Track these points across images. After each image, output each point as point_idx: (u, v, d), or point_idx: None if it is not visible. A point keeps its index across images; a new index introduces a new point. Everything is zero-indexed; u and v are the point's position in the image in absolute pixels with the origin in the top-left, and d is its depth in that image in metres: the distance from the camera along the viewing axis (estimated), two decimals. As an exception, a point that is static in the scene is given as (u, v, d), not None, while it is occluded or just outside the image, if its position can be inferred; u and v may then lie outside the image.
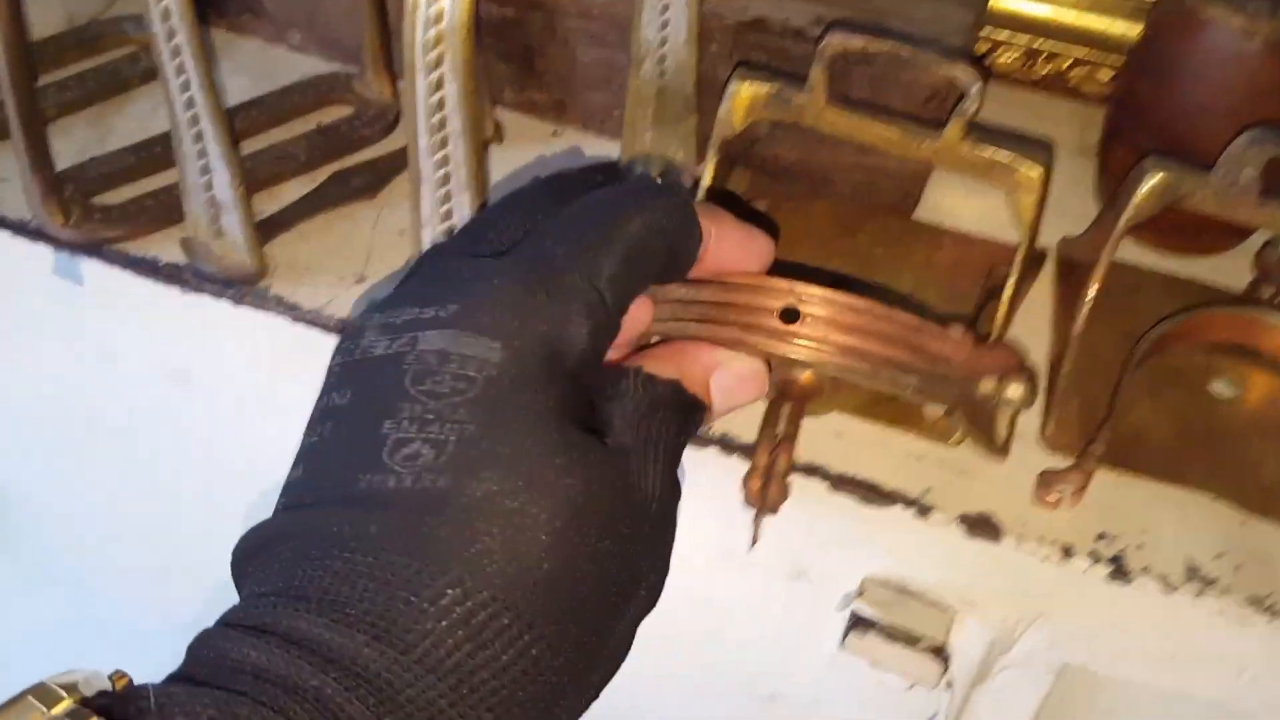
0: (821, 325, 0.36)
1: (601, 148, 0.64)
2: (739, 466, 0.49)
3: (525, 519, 0.26)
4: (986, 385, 0.44)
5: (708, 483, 0.50)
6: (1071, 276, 0.58)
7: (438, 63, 0.42)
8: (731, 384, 0.35)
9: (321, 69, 0.67)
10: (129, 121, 0.63)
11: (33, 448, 0.69)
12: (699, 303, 0.36)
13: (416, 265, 0.33)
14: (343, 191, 0.59)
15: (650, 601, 0.31)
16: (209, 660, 0.26)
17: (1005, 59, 0.67)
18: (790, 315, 0.36)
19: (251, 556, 0.29)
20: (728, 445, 0.50)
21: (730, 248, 0.35)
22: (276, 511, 0.30)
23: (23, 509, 0.76)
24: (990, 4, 0.65)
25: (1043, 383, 0.52)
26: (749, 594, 0.54)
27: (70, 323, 0.58)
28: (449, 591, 0.25)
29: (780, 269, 0.38)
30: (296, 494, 0.29)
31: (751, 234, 0.36)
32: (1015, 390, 0.44)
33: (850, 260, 0.57)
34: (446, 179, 0.46)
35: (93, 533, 0.75)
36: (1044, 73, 0.67)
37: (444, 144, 0.45)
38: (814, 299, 0.36)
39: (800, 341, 0.36)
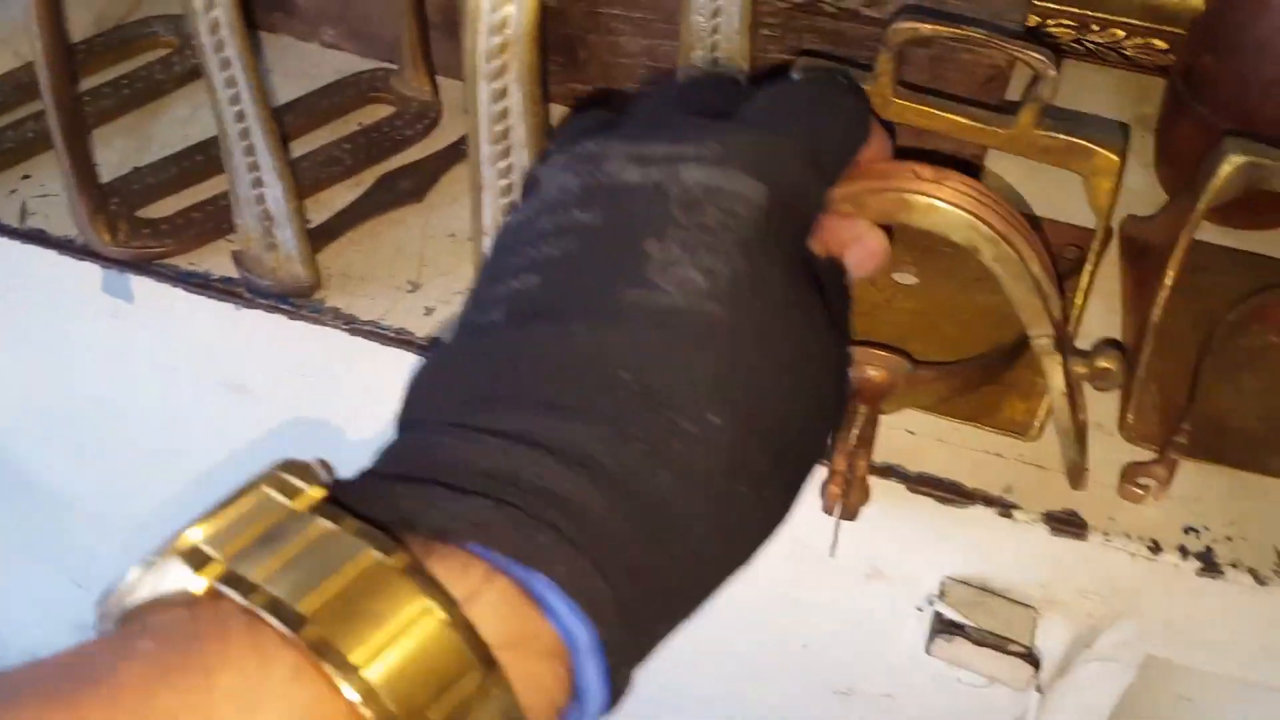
0: (960, 187, 0.39)
1: (648, 138, 0.63)
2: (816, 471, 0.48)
3: (781, 357, 0.28)
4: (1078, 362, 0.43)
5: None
6: (1139, 258, 0.56)
7: (501, 71, 0.41)
8: (861, 257, 0.36)
9: (356, 66, 0.65)
10: (168, 128, 0.61)
11: (87, 463, 0.68)
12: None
13: (634, 107, 0.34)
14: (390, 196, 0.58)
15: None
16: (437, 466, 0.25)
17: (1057, 29, 0.66)
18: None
19: (454, 369, 0.29)
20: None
21: (875, 151, 0.37)
22: (491, 325, 0.29)
23: (75, 522, 0.75)
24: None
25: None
26: (826, 593, 0.53)
27: (122, 339, 0.57)
28: (714, 420, 0.26)
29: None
30: (526, 305, 0.28)
31: (888, 144, 0.39)
32: (1110, 360, 0.43)
33: (910, 249, 0.56)
34: (510, 189, 0.45)
35: (145, 539, 0.74)
36: (1097, 43, 0.65)
37: (508, 153, 0.43)
38: (952, 174, 0.39)
39: (945, 188, 0.39)
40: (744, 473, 0.27)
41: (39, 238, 0.55)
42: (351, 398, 0.55)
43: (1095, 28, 0.65)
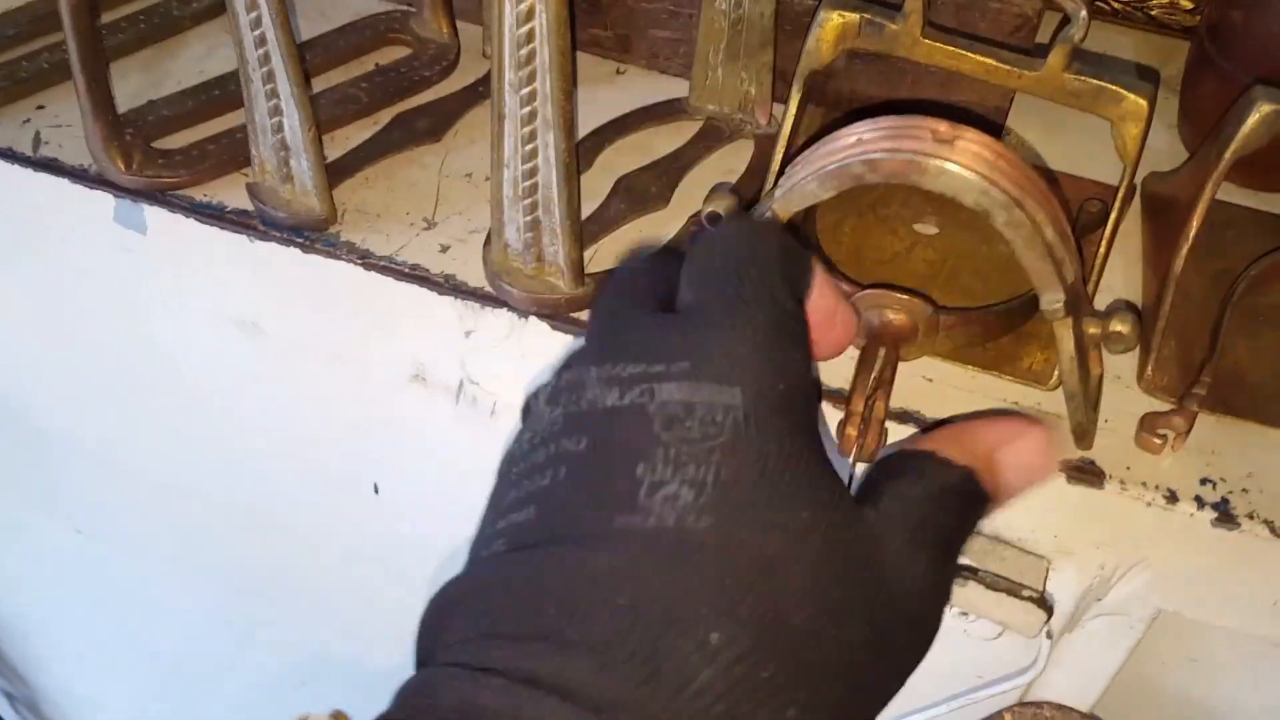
0: (974, 148, 0.39)
1: (667, 87, 0.62)
2: (833, 414, 0.48)
3: (780, 567, 0.26)
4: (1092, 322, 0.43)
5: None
6: (1160, 214, 0.56)
7: (528, -7, 0.41)
8: (1026, 460, 0.32)
9: (374, 8, 0.65)
10: (183, 64, 0.61)
11: (90, 404, 0.68)
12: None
13: (598, 321, 0.33)
14: (407, 135, 0.58)
15: (894, 690, 0.29)
16: (441, 709, 0.25)
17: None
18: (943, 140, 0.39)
19: (460, 603, 0.28)
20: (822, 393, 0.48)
21: (819, 296, 0.33)
22: (493, 556, 0.29)
23: (75, 465, 0.75)
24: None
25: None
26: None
27: (133, 272, 0.57)
28: (712, 635, 0.25)
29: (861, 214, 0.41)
30: (525, 536, 0.28)
31: (842, 302, 0.35)
32: (1124, 323, 0.43)
33: (932, 200, 0.55)
34: (533, 116, 0.44)
35: (149, 484, 0.74)
36: (1122, 3, 0.65)
37: (532, 79, 0.43)
38: (968, 133, 0.38)
39: (958, 151, 0.38)
40: (762, 692, 0.25)
41: (52, 166, 0.55)
42: (363, 334, 0.55)
43: (1122, -15, 0.64)
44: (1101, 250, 0.48)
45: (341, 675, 0.80)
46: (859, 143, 0.43)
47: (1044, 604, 0.47)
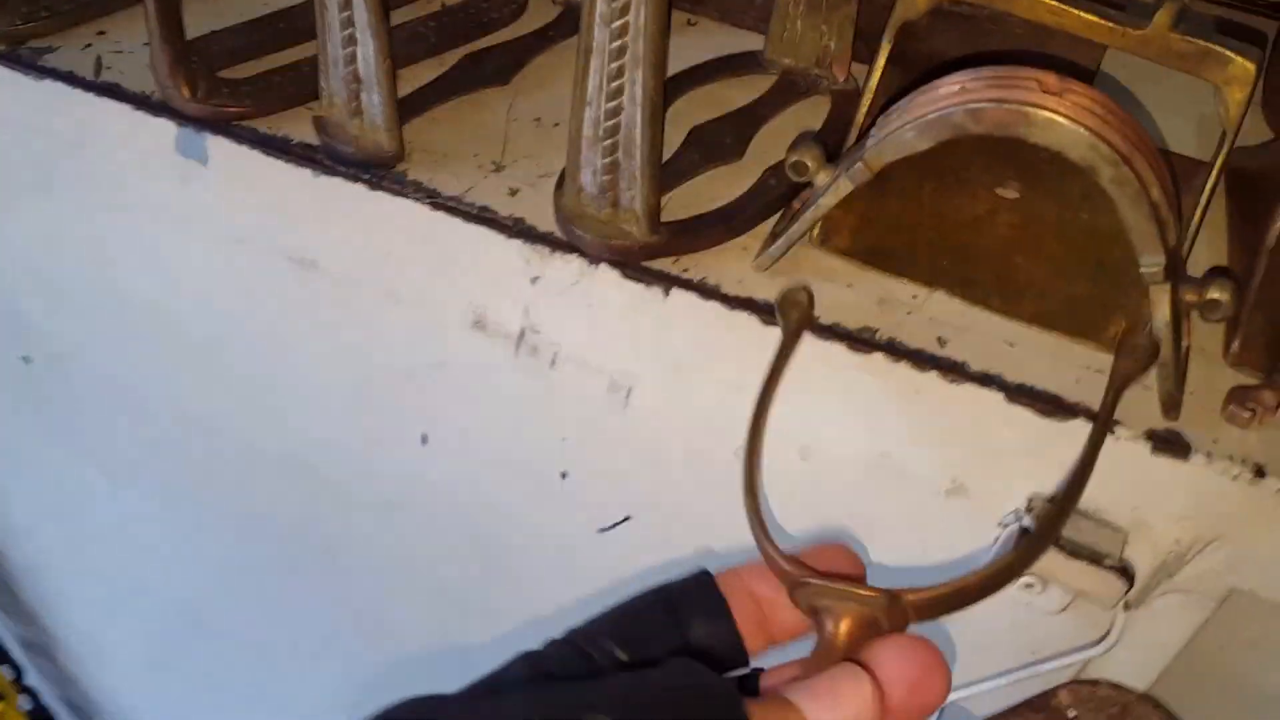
0: (1084, 102, 0.38)
1: (738, 40, 0.61)
2: (904, 373, 0.47)
3: None
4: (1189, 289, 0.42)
5: (869, 387, 0.48)
6: (1247, 189, 0.54)
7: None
8: (916, 677, 0.31)
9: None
10: (246, -2, 0.60)
11: (131, 334, 0.67)
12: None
13: None
14: (475, 77, 0.56)
15: None
16: None
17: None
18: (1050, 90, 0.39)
19: None
20: (895, 351, 0.47)
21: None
22: None
23: (109, 405, 0.74)
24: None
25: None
26: (899, 508, 0.52)
27: (192, 204, 0.55)
28: None
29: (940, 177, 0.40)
30: None
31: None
32: (1222, 290, 0.42)
33: (1012, 163, 0.54)
34: (623, 50, 0.43)
35: (181, 426, 0.73)
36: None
37: (625, 10, 0.42)
38: (1077, 86, 0.38)
39: (1066, 103, 0.38)
40: None
41: (113, 91, 0.54)
42: (424, 277, 0.54)
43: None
44: (1196, 218, 0.47)
45: (370, 626, 0.79)
46: (962, 91, 0.41)
47: (1126, 572, 0.46)
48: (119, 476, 0.82)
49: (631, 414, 0.53)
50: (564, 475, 0.58)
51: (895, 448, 0.49)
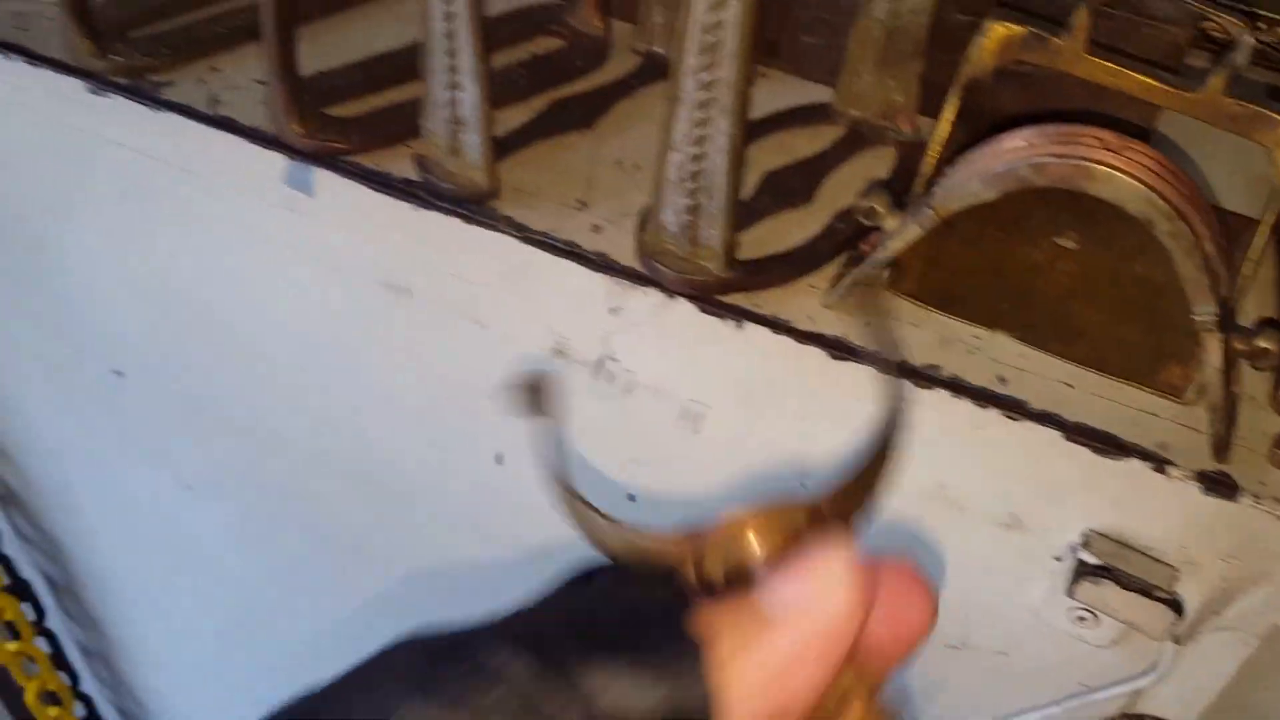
0: (1142, 159, 0.41)
1: (806, 91, 0.64)
2: (965, 409, 0.49)
3: None
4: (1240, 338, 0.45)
5: (931, 421, 0.50)
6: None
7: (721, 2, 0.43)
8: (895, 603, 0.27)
9: (529, 0, 0.67)
10: (348, 40, 0.64)
11: (224, 354, 0.71)
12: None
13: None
14: (562, 120, 0.60)
15: None
16: None
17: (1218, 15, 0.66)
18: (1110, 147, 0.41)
19: None
20: (958, 388, 0.50)
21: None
22: None
23: (195, 421, 0.77)
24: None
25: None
26: (956, 540, 0.54)
27: (294, 231, 0.59)
28: None
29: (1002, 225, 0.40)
30: None
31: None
32: (1271, 340, 0.45)
33: (1070, 214, 0.57)
34: (709, 103, 0.46)
35: (263, 441, 0.76)
36: (1264, 41, 0.66)
37: (713, 65, 0.45)
38: (1136, 145, 0.41)
39: (1126, 160, 0.41)
40: None
41: (228, 124, 0.58)
42: (511, 305, 0.57)
43: (1263, 25, 0.65)
44: (1247, 271, 0.50)
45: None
46: (1028, 146, 0.44)
47: (1176, 604, 0.48)
48: (195, 486, 0.86)
49: (701, 440, 0.56)
50: (631, 498, 0.61)
51: (953, 480, 0.52)
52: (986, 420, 0.49)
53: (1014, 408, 0.49)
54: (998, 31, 0.50)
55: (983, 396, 0.49)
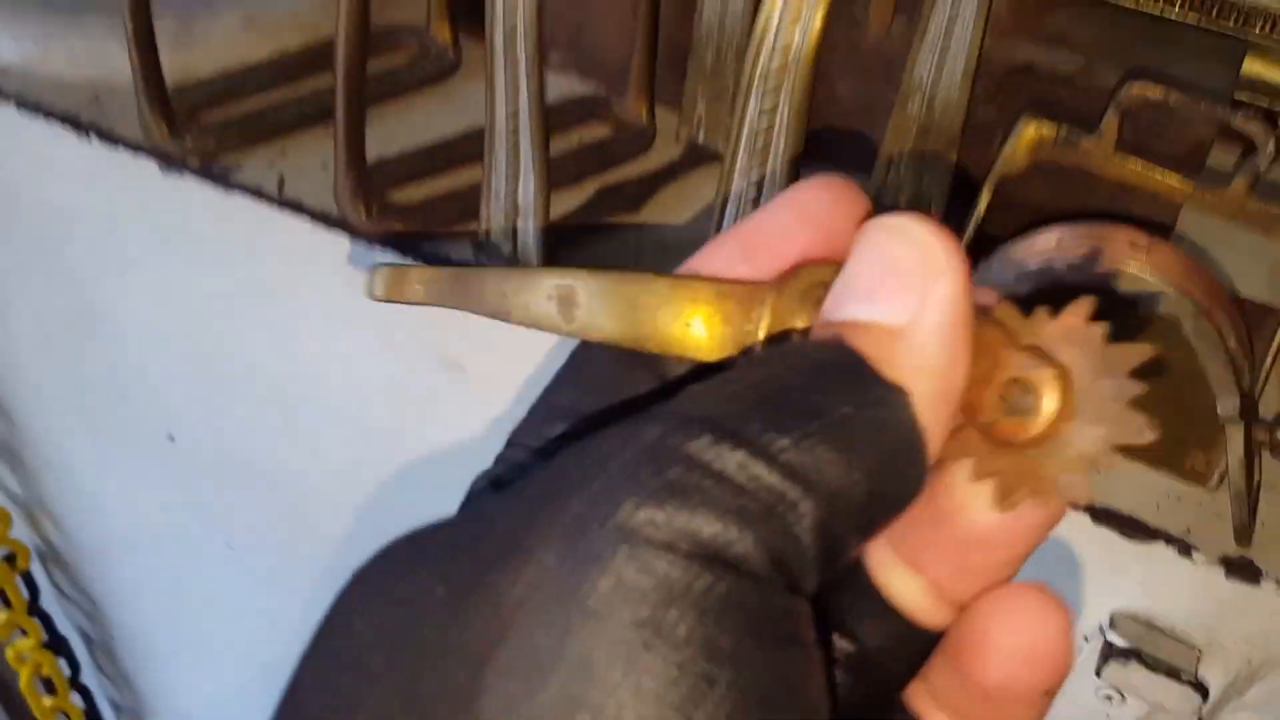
0: (1168, 258, 0.44)
1: (842, 181, 0.67)
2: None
3: None
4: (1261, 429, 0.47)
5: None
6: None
7: (776, 89, 0.46)
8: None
9: (576, 90, 0.71)
10: (407, 125, 0.67)
11: (286, 420, 0.73)
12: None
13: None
14: (609, 204, 0.63)
15: None
16: None
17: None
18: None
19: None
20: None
21: None
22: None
23: (258, 476, 0.80)
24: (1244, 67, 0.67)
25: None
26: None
27: (352, 308, 0.62)
28: None
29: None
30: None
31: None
32: None
33: (1099, 301, 0.59)
34: (757, 201, 0.49)
35: (323, 502, 0.79)
36: None
37: (764, 163, 0.48)
38: (1163, 244, 0.44)
39: (1153, 259, 0.44)
40: None
41: (296, 206, 0.61)
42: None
43: None
44: (1269, 363, 0.52)
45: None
46: (1059, 245, 0.47)
47: (1201, 688, 0.49)
48: (236, 546, 0.88)
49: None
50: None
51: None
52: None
53: (1045, 491, 0.51)
54: (1032, 130, 0.53)
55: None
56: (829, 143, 0.67)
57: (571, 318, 0.27)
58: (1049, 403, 0.24)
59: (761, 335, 0.25)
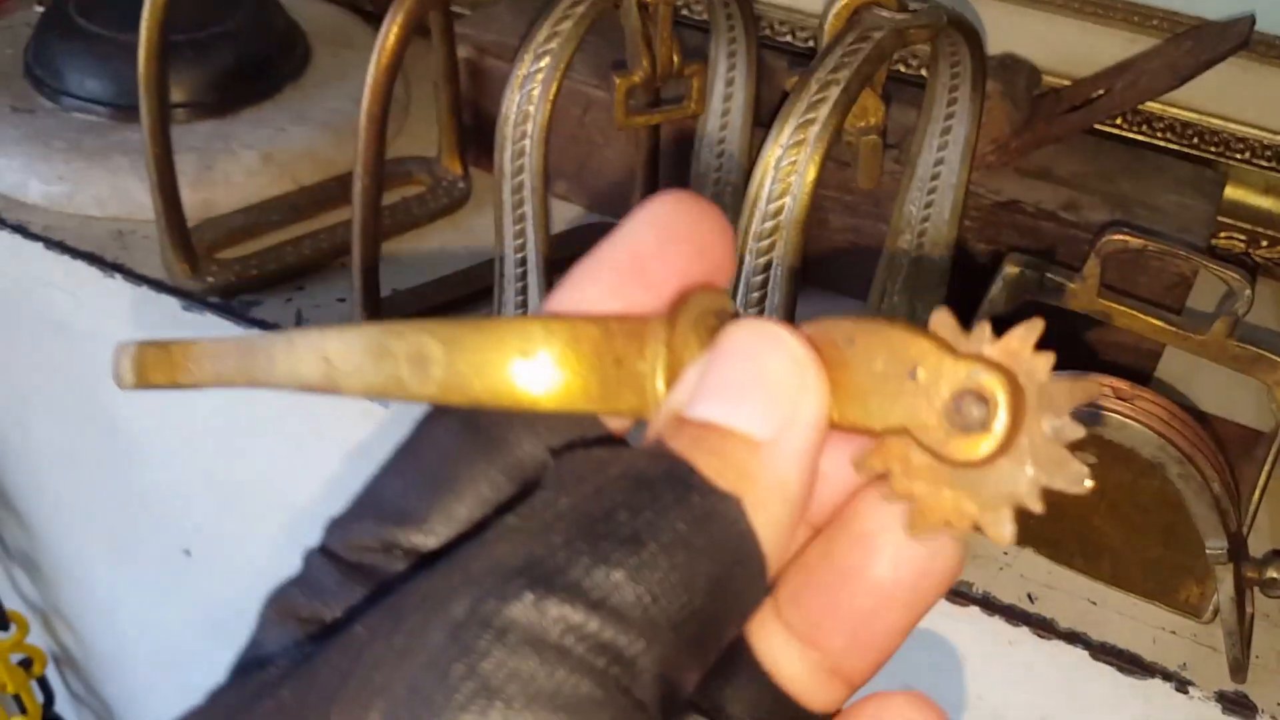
0: (1152, 407, 0.45)
1: (839, 305, 0.69)
2: (998, 625, 0.53)
3: None
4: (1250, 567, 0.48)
5: (965, 635, 0.53)
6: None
7: (768, 249, 0.48)
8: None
9: (580, 218, 0.73)
10: (418, 257, 0.70)
11: (292, 532, 0.75)
12: None
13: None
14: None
15: None
16: None
17: (1228, 242, 0.71)
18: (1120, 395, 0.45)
19: None
20: (990, 606, 0.53)
21: None
22: None
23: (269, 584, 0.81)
24: (1225, 193, 0.69)
25: None
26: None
27: (367, 434, 0.64)
28: None
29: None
30: None
31: None
32: (1278, 569, 0.48)
33: (1091, 436, 0.61)
34: (762, 299, 0.51)
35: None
36: (1266, 257, 0.71)
37: (761, 300, 0.50)
38: (1146, 393, 0.46)
39: (1138, 408, 0.45)
40: None
41: (311, 343, 0.63)
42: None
43: (1265, 243, 0.70)
44: (1255, 497, 0.53)
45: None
46: None
47: (1201, 827, 0.50)
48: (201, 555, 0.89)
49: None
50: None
51: (990, 692, 0.54)
52: (1018, 637, 0.52)
53: (1044, 626, 0.52)
54: (1015, 274, 0.55)
55: (1014, 615, 0.52)
56: (823, 273, 0.70)
57: (427, 378, 0.22)
58: (1001, 415, 0.21)
59: (660, 377, 0.22)
